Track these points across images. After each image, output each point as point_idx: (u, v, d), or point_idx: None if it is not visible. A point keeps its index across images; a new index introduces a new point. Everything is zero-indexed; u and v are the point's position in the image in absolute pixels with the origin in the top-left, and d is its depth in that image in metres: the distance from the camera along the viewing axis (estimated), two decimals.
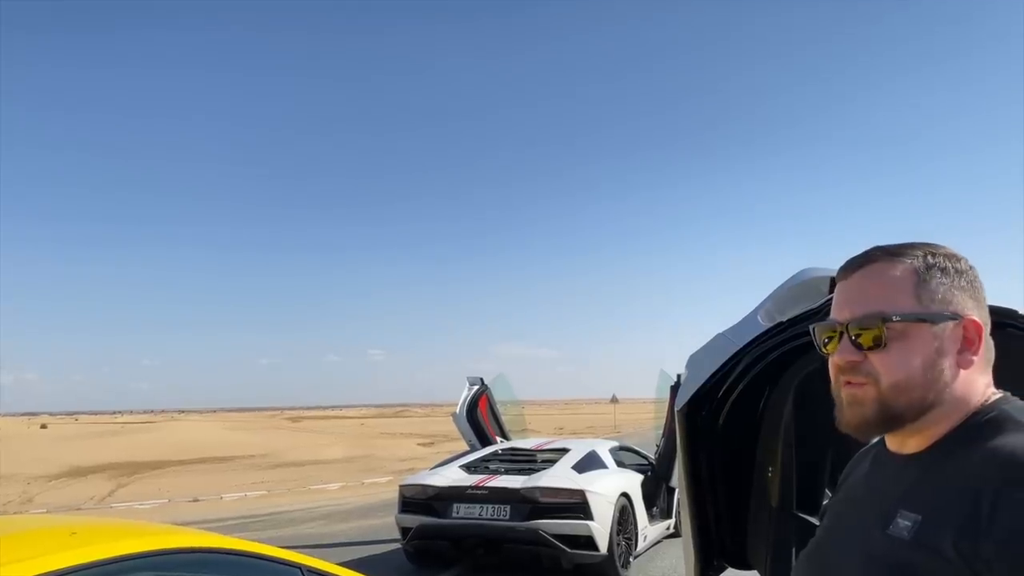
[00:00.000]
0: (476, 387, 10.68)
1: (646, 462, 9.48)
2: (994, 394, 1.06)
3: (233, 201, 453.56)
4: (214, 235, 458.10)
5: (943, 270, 1.05)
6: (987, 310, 1.08)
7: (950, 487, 0.95)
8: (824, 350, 1.12)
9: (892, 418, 1.04)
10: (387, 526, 9.95)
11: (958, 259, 1.08)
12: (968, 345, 1.04)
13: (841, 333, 1.07)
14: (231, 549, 2.34)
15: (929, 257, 1.06)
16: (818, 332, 1.12)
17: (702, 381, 2.23)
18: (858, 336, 1.04)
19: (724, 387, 2.24)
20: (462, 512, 7.55)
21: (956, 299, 1.05)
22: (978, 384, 1.06)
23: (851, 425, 1.07)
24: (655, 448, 9.35)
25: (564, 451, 8.65)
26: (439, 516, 7.65)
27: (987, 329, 1.07)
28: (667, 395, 6.74)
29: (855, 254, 1.11)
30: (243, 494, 17.64)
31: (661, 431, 9.04)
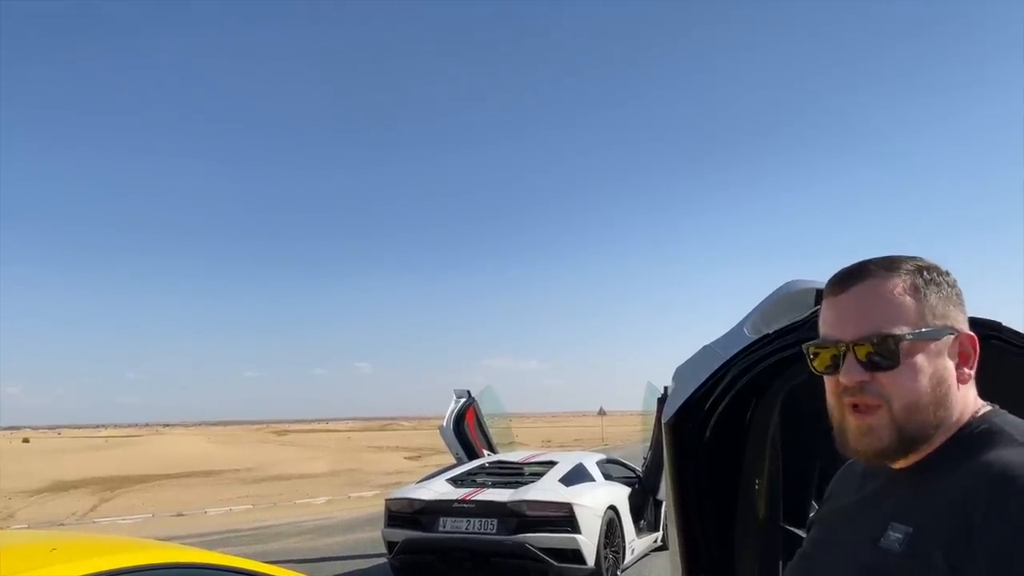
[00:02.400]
0: (463, 400, 10.65)
1: (633, 475, 9.46)
2: (984, 407, 1.06)
3: (220, 212, 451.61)
4: (200, 246, 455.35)
5: (937, 284, 1.04)
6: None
7: (942, 500, 0.95)
8: (816, 368, 1.08)
9: (910, 442, 1.01)
10: (373, 540, 9.88)
11: (947, 272, 1.07)
12: (965, 360, 1.04)
13: (844, 352, 1.03)
14: (214, 564, 2.32)
15: (925, 272, 1.04)
16: (812, 350, 1.08)
17: (689, 393, 2.22)
18: (868, 356, 1.01)
19: (711, 399, 2.23)
20: (449, 526, 7.50)
21: (951, 313, 1.04)
22: (970, 397, 1.05)
23: (866, 455, 1.04)
24: (642, 461, 9.35)
25: (551, 464, 8.63)
26: (426, 530, 7.60)
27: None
28: (654, 407, 6.73)
29: (843, 267, 1.08)
30: (228, 508, 17.49)
31: (648, 444, 9.04)
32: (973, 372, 1.04)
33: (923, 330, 1.01)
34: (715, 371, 2.19)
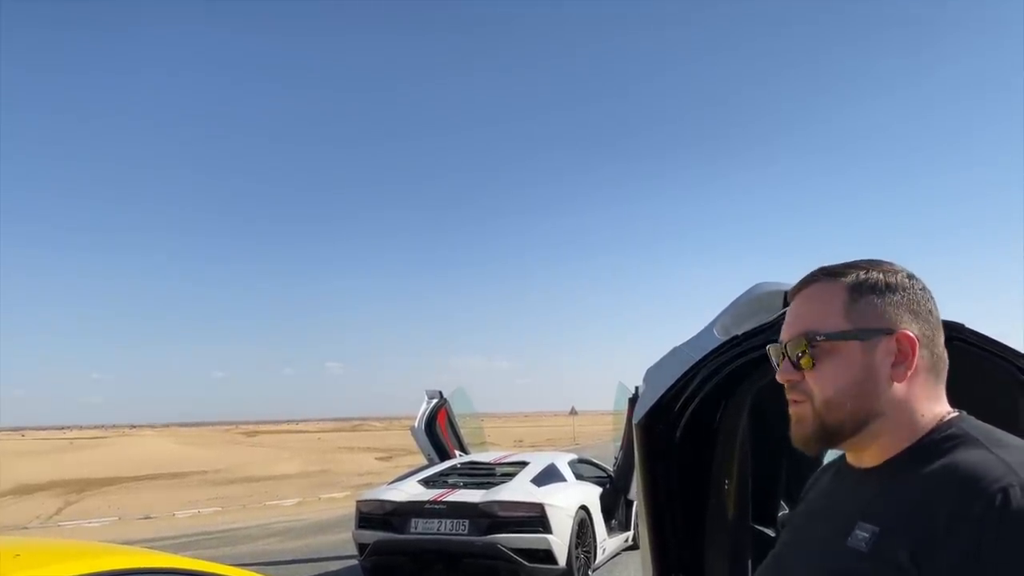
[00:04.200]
0: (435, 400, 10.63)
1: (605, 475, 9.52)
2: (950, 413, 1.08)
3: (184, 211, 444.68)
4: (165, 244, 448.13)
5: (875, 286, 1.09)
6: (932, 324, 1.10)
7: (907, 500, 0.98)
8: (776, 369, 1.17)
9: (830, 434, 1.09)
10: (344, 542, 9.83)
11: (895, 274, 1.11)
12: (902, 358, 1.07)
13: (783, 353, 1.13)
14: (182, 569, 2.29)
15: (862, 274, 1.10)
16: (770, 351, 1.18)
17: (659, 394, 2.24)
18: (795, 355, 1.10)
19: (681, 400, 2.25)
20: (420, 527, 7.49)
21: (889, 314, 1.08)
22: (924, 398, 1.08)
23: (797, 442, 1.13)
24: (614, 461, 9.40)
25: (523, 464, 8.65)
26: (397, 531, 7.59)
27: (932, 342, 1.09)
28: (625, 408, 6.79)
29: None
30: (196, 511, 17.28)
31: (620, 444, 9.09)
32: (916, 372, 1.07)
33: (844, 330, 1.07)
34: (685, 372, 2.21)
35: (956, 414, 1.08)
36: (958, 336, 1.88)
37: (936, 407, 1.08)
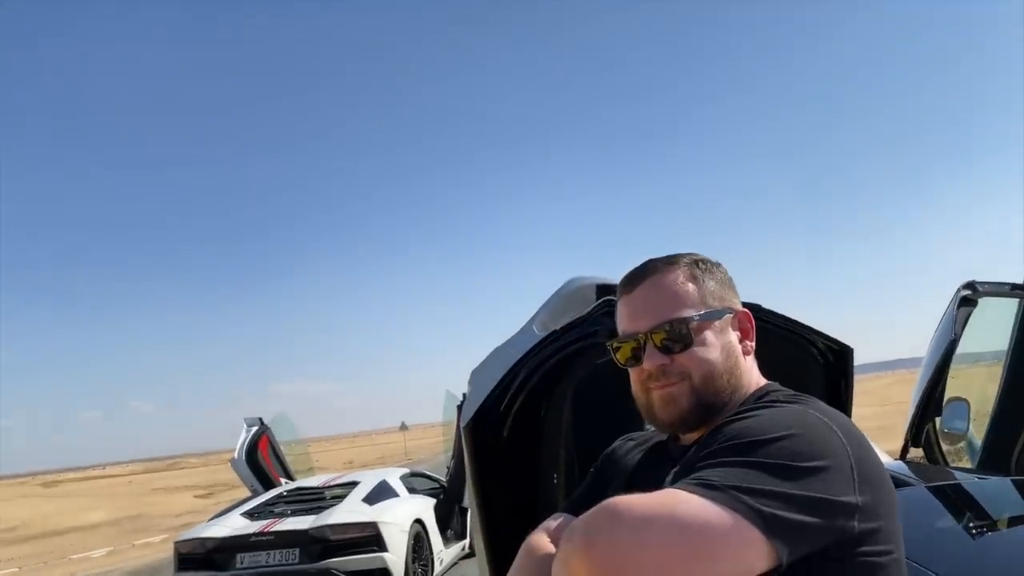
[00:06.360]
0: (255, 428, 10.10)
1: (438, 486, 9.48)
2: (764, 382, 1.21)
3: None
4: None
5: (711, 272, 1.20)
6: None
7: (700, 453, 1.03)
8: (619, 362, 1.20)
9: (707, 407, 1.13)
10: None
11: (718, 263, 1.24)
12: (745, 334, 1.20)
13: (644, 343, 1.15)
14: None
15: (700, 263, 1.19)
16: (614, 346, 1.21)
17: (485, 396, 2.24)
18: (663, 341, 1.13)
19: (506, 399, 2.26)
20: (247, 562, 7.13)
21: (727, 296, 1.20)
22: (754, 370, 1.21)
23: (669, 422, 1.16)
24: (446, 470, 9.38)
25: (353, 484, 8.46)
26: (221, 569, 7.18)
27: None
28: (454, 415, 6.79)
29: (631, 268, 1.22)
30: None
31: (451, 453, 9.08)
32: (753, 345, 1.21)
33: (705, 311, 1.15)
34: (508, 371, 2.22)
35: (766, 382, 1.21)
36: (756, 315, 2.01)
37: (756, 380, 1.20)
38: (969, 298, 3.38)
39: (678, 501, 0.89)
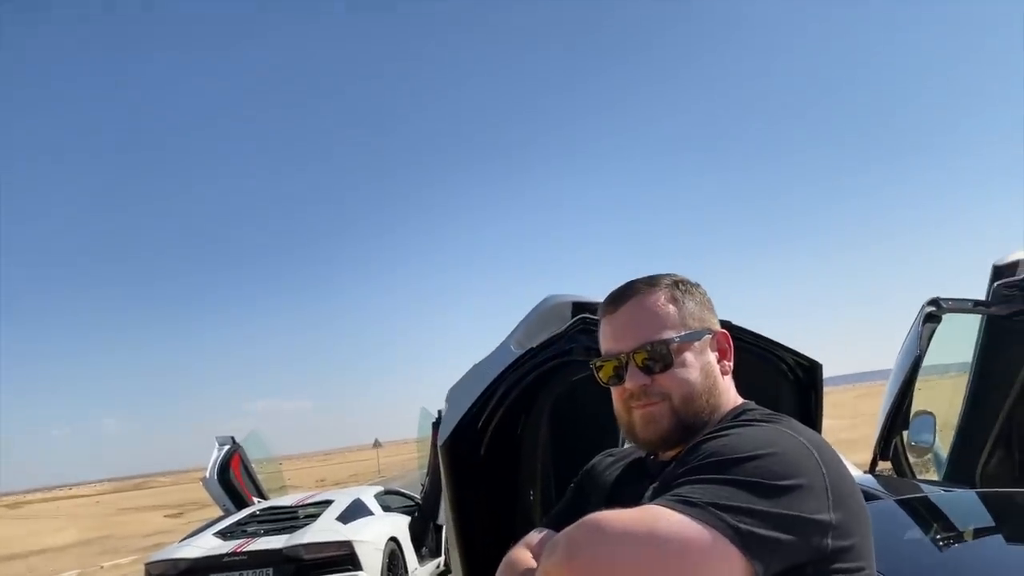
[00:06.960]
0: (227, 447, 9.99)
1: (413, 503, 9.42)
2: (741, 401, 1.23)
3: None
4: None
5: (691, 293, 1.22)
6: None
7: (678, 470, 1.05)
8: (602, 380, 1.22)
9: (687, 427, 1.15)
10: None
11: (697, 284, 1.26)
12: (723, 354, 1.23)
13: (626, 362, 1.16)
14: None
15: (680, 284, 1.22)
16: (597, 364, 1.22)
17: (462, 413, 2.25)
18: (645, 361, 1.15)
19: (483, 417, 2.28)
20: None
21: (706, 317, 1.22)
22: (732, 389, 1.23)
23: (650, 441, 1.18)
24: (421, 488, 9.33)
25: (327, 503, 8.37)
26: None
27: None
28: (429, 433, 6.79)
29: (614, 288, 1.24)
30: None
31: (427, 470, 9.04)
32: (731, 365, 1.23)
33: (685, 333, 1.17)
34: (486, 388, 2.24)
35: (743, 402, 1.23)
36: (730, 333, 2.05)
37: (734, 399, 1.23)
38: (933, 314, 3.45)
39: (658, 517, 0.91)
